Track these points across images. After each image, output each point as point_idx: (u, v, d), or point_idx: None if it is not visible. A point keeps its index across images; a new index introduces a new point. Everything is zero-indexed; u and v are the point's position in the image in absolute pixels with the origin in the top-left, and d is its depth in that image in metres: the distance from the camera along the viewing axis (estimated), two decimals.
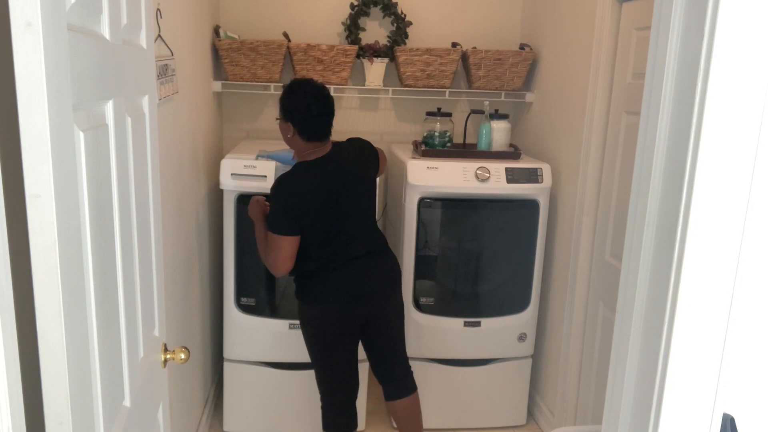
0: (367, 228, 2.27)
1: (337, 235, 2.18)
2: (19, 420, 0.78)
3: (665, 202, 0.97)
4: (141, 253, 1.29)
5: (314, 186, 2.13)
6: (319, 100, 2.11)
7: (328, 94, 2.15)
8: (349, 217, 2.19)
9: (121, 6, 1.18)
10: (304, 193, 2.11)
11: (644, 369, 1.02)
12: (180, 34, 2.26)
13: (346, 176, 2.18)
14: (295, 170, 2.15)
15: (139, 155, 1.28)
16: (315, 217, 2.13)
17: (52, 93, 0.78)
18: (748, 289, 0.95)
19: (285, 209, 2.10)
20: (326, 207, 2.14)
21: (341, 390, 2.36)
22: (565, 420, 2.81)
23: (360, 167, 2.25)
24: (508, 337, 2.92)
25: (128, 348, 1.19)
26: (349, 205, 2.18)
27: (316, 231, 2.15)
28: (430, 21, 3.31)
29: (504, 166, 2.76)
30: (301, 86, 2.13)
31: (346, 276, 2.22)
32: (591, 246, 2.64)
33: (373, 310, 2.29)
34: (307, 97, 2.10)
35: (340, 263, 2.20)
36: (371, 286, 2.27)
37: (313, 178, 2.14)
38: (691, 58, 0.91)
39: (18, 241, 0.83)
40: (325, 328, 2.25)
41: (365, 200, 2.26)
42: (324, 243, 2.18)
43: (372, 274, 2.27)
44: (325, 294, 2.22)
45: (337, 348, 2.29)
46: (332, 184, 2.15)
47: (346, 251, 2.20)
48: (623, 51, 2.41)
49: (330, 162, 2.17)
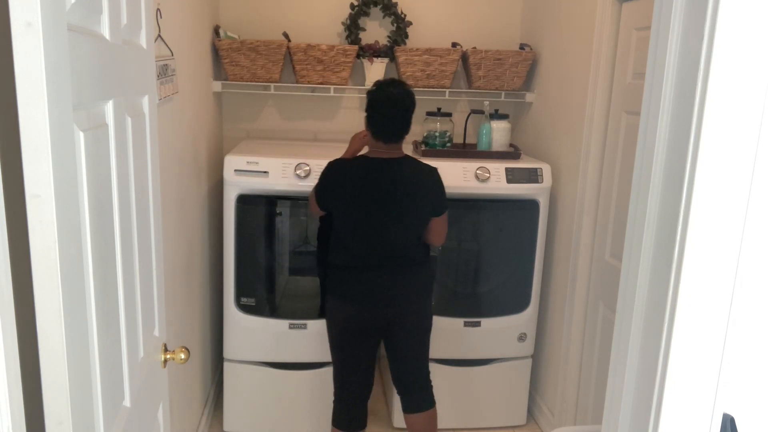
0: (402, 243, 2.25)
1: (368, 237, 2.21)
2: (19, 420, 0.78)
3: (665, 202, 0.97)
4: (141, 253, 1.29)
5: (355, 178, 2.19)
6: (394, 104, 2.15)
7: (405, 99, 2.16)
8: (386, 226, 2.21)
9: (121, 6, 1.18)
10: (342, 179, 2.20)
11: (644, 369, 1.02)
12: (180, 34, 2.26)
13: (394, 189, 2.19)
14: (353, 158, 2.26)
15: (139, 155, 1.28)
16: (344, 207, 2.21)
17: (52, 93, 0.78)
18: (748, 289, 0.95)
19: (321, 182, 2.25)
20: (359, 203, 2.18)
21: (353, 387, 2.37)
22: (565, 420, 2.81)
23: (413, 193, 2.22)
24: (508, 337, 2.92)
25: (128, 348, 1.19)
26: (387, 215, 2.20)
27: (343, 221, 2.23)
28: (430, 21, 3.31)
29: (504, 166, 2.76)
30: (383, 88, 2.18)
31: (370, 277, 2.25)
32: (591, 246, 2.64)
33: (392, 317, 2.29)
34: (384, 99, 2.16)
35: (366, 264, 2.24)
36: (393, 292, 2.28)
37: (358, 171, 2.20)
38: (691, 58, 0.91)
39: (18, 241, 0.83)
40: (342, 323, 2.29)
41: (408, 222, 2.23)
42: (353, 238, 2.23)
43: (397, 282, 2.27)
44: (346, 290, 2.27)
45: (353, 346, 2.32)
46: (375, 187, 2.18)
47: (374, 255, 2.23)
48: (623, 51, 2.41)
49: (386, 166, 2.20)
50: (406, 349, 2.37)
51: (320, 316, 2.57)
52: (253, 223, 2.72)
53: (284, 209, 2.75)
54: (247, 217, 2.69)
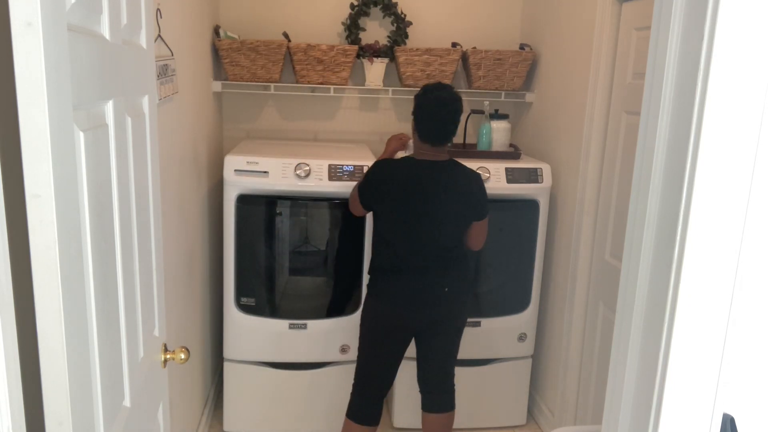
0: (446, 245, 2.28)
1: (413, 238, 2.23)
2: (19, 420, 0.78)
3: (665, 202, 0.97)
4: (141, 253, 1.29)
5: (402, 178, 2.22)
6: (444, 107, 2.19)
7: (456, 102, 2.21)
8: (431, 227, 2.23)
9: (121, 6, 1.18)
10: (389, 179, 2.23)
11: (644, 369, 1.02)
12: (180, 34, 2.26)
13: (441, 191, 2.22)
14: (399, 159, 2.29)
15: (139, 155, 1.28)
16: (390, 206, 2.23)
17: (52, 93, 0.78)
18: (748, 289, 0.95)
19: (367, 181, 2.30)
20: (405, 203, 2.21)
21: (375, 383, 2.40)
22: (565, 420, 2.81)
23: (459, 196, 2.25)
24: (508, 337, 2.92)
25: (128, 348, 1.19)
26: (433, 217, 2.22)
27: (388, 220, 2.26)
28: (430, 21, 3.31)
29: (504, 166, 2.76)
30: (431, 92, 2.22)
31: (414, 279, 2.27)
32: (591, 246, 2.64)
33: (433, 318, 2.32)
34: (434, 102, 2.20)
35: (410, 266, 2.26)
36: (436, 294, 2.29)
37: (406, 171, 2.23)
38: (691, 58, 0.91)
39: (18, 241, 0.83)
40: (381, 324, 2.31)
41: (453, 224, 2.27)
42: (397, 238, 2.25)
43: (440, 284, 2.29)
44: (389, 292, 2.29)
45: (386, 345, 2.34)
46: (421, 188, 2.20)
47: (418, 256, 2.25)
48: (623, 51, 2.41)
49: (433, 168, 2.23)
50: (438, 351, 2.41)
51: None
52: (253, 223, 2.72)
53: (284, 209, 2.75)
54: (247, 217, 2.69)
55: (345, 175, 2.65)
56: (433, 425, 2.45)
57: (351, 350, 2.82)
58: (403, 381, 2.82)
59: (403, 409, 2.96)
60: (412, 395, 2.88)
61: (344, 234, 2.81)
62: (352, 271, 2.78)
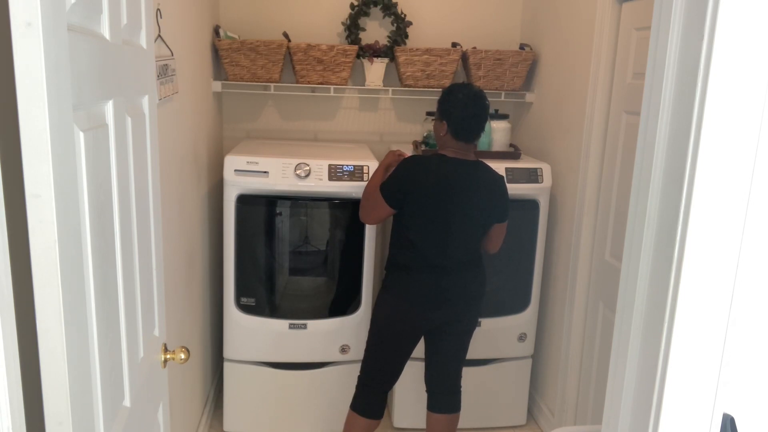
0: (468, 245, 2.29)
1: (437, 236, 2.23)
2: (19, 420, 0.78)
3: (665, 202, 0.97)
4: (141, 253, 1.29)
5: (432, 175, 2.21)
6: (476, 102, 2.21)
7: (483, 98, 2.23)
8: (455, 226, 2.23)
9: (121, 6, 1.18)
10: (419, 175, 2.22)
11: (644, 369, 1.02)
12: (180, 34, 2.26)
13: (469, 190, 2.23)
14: (430, 155, 2.28)
15: (139, 155, 1.28)
16: (418, 202, 2.21)
17: (52, 93, 0.78)
18: (748, 289, 0.95)
19: (396, 175, 2.25)
20: (433, 200, 2.20)
21: (381, 378, 2.41)
22: (565, 420, 2.81)
23: (485, 197, 2.27)
24: (508, 337, 2.92)
25: (128, 348, 1.19)
26: (459, 216, 2.23)
27: (414, 216, 2.24)
28: (430, 21, 3.31)
29: (504, 166, 2.76)
30: (460, 89, 2.24)
31: (434, 279, 2.26)
32: (591, 246, 2.64)
33: (447, 318, 2.32)
34: (465, 98, 2.21)
35: (431, 264, 2.25)
36: (454, 293, 2.30)
37: (437, 169, 2.22)
38: (691, 58, 0.91)
39: (18, 241, 0.83)
40: (395, 321, 2.31)
41: (477, 225, 2.29)
42: (422, 236, 2.24)
43: (458, 284, 2.30)
44: (409, 290, 2.29)
45: (397, 342, 2.34)
46: (451, 186, 2.21)
47: (441, 255, 2.25)
48: (623, 51, 2.41)
49: (463, 167, 2.24)
50: (449, 351, 2.41)
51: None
52: (253, 223, 2.72)
53: (284, 209, 2.75)
54: (247, 217, 2.69)
55: (345, 175, 2.65)
56: (437, 426, 2.45)
57: (351, 350, 2.82)
58: (404, 381, 2.82)
59: (404, 410, 2.95)
60: (413, 395, 2.89)
61: (344, 234, 2.81)
62: (352, 271, 2.79)
